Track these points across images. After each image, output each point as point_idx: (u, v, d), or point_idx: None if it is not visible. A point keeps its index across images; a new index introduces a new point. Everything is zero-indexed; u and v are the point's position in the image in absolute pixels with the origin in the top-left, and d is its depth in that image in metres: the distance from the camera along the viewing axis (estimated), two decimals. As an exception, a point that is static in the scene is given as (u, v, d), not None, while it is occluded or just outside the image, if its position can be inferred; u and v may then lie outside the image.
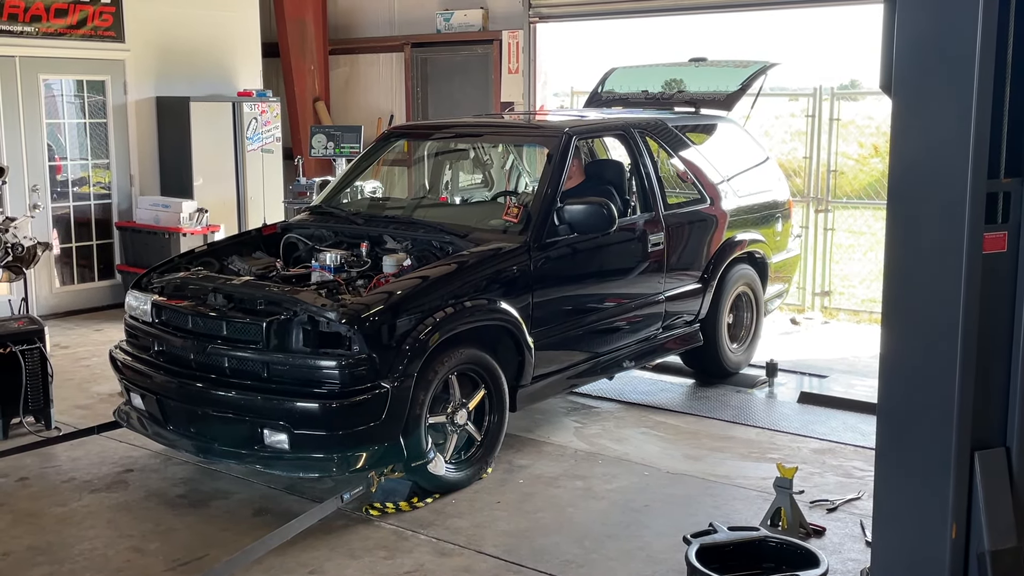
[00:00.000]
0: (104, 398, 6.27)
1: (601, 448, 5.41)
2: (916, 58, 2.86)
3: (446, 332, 4.58)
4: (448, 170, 6.95)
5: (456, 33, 10.23)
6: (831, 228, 8.83)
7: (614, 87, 7.48)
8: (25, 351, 5.51)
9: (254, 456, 4.47)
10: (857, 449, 5.36)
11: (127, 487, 4.89)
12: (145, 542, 4.29)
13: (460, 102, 10.41)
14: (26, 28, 8.25)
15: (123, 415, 5.10)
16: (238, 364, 4.50)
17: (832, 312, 8.78)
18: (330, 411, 4.30)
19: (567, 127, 5.69)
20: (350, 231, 5.54)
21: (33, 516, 4.56)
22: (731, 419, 5.90)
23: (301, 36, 10.93)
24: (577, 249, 5.35)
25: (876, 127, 11.81)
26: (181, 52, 9.41)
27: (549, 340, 5.19)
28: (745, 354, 6.78)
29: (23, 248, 6.41)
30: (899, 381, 3.01)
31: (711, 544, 3.50)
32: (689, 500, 4.72)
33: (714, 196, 6.42)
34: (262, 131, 9.62)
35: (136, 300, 5.07)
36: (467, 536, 4.32)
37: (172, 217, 8.63)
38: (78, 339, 7.87)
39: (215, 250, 5.61)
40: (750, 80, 6.92)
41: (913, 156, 2.91)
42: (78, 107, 8.89)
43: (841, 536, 4.32)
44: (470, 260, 4.91)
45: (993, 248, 2.81)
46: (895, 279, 3.00)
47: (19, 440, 5.44)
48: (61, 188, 8.75)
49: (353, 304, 4.46)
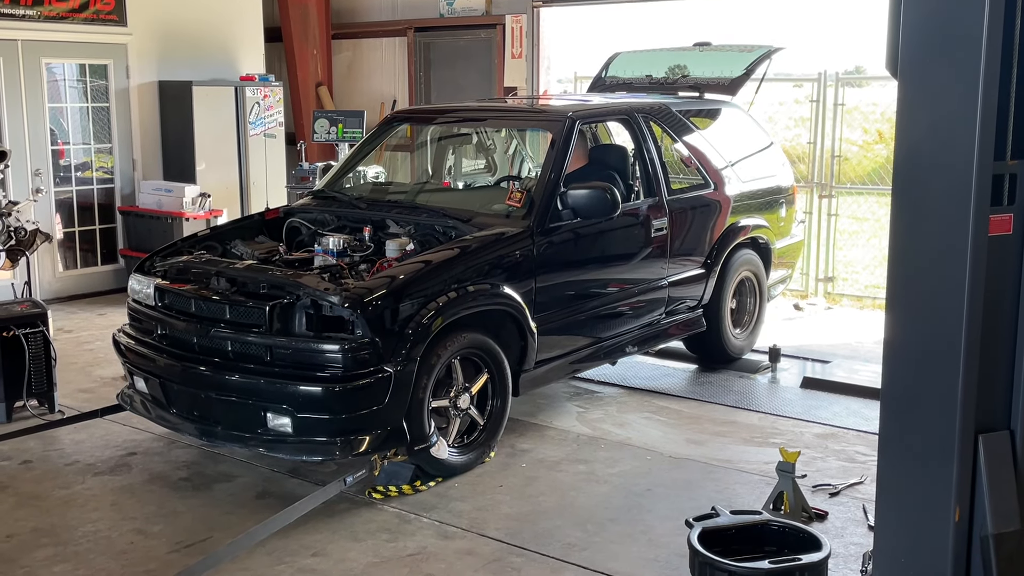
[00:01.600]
0: (107, 382, 6.28)
1: (603, 432, 5.41)
2: (922, 39, 2.84)
3: (449, 317, 4.58)
4: (451, 155, 6.93)
5: (459, 17, 10.19)
6: (835, 214, 8.81)
7: (618, 72, 7.44)
8: (28, 335, 5.52)
9: (257, 440, 4.47)
10: (860, 434, 5.36)
11: (130, 470, 4.90)
12: (148, 524, 4.31)
13: (463, 87, 10.38)
14: (28, 12, 8.22)
15: (127, 398, 5.10)
16: (241, 348, 4.50)
17: (835, 298, 8.77)
18: (333, 395, 4.30)
19: (570, 111, 5.67)
20: (353, 215, 5.53)
21: (37, 499, 4.58)
22: (734, 404, 5.90)
23: (304, 20, 10.90)
24: (580, 234, 5.34)
25: (880, 113, 11.76)
26: (184, 36, 9.39)
27: (552, 325, 5.19)
28: (748, 339, 6.78)
29: (25, 232, 6.43)
30: (903, 364, 3.00)
31: (713, 528, 3.50)
32: (691, 484, 4.72)
33: (718, 181, 6.40)
34: (265, 116, 9.60)
35: (139, 284, 5.06)
36: (470, 519, 4.33)
37: (175, 202, 8.63)
38: (81, 323, 7.88)
39: (218, 234, 5.60)
40: (754, 65, 6.89)
41: (919, 138, 2.89)
42: (80, 91, 8.87)
43: (843, 520, 4.33)
44: (473, 245, 4.90)
45: (999, 230, 2.80)
46: (900, 261, 2.98)
47: (23, 423, 5.45)
48: (64, 172, 8.75)
49: (356, 288, 4.45)
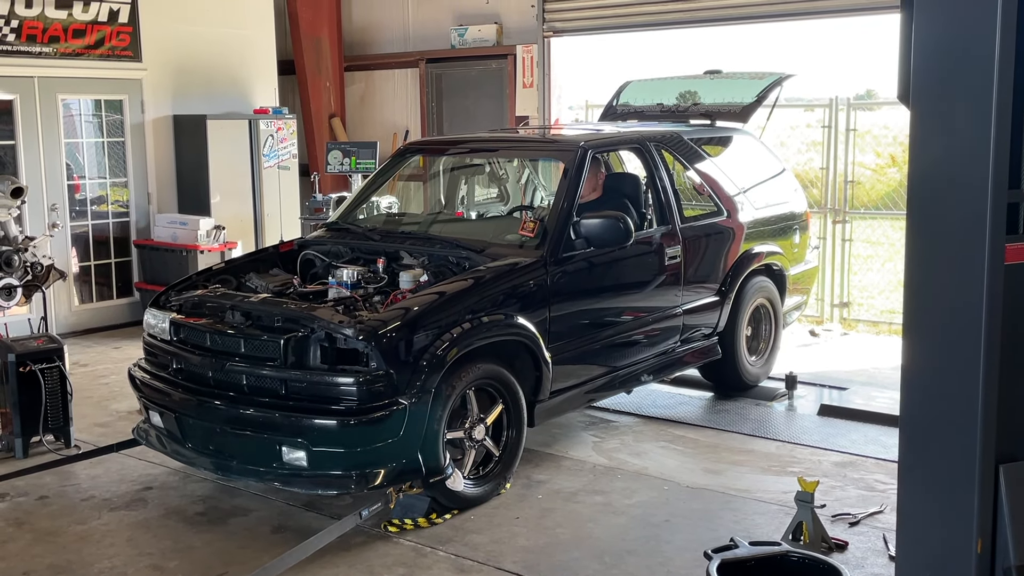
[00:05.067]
0: (123, 416, 6.29)
1: (620, 462, 5.38)
2: (934, 67, 2.83)
3: (463, 347, 4.58)
4: (464, 185, 6.96)
5: (470, 48, 10.26)
6: (849, 239, 8.78)
7: (629, 100, 7.48)
8: (44, 370, 5.54)
9: (272, 473, 4.47)
10: (879, 462, 5.31)
11: (146, 505, 4.90)
12: (164, 560, 4.30)
13: (475, 117, 10.43)
14: (45, 49, 8.33)
15: (142, 433, 5.11)
16: (256, 381, 4.51)
17: (851, 323, 8.72)
18: (348, 428, 4.30)
19: (582, 141, 5.69)
20: (367, 247, 5.55)
21: (53, 535, 4.58)
22: (751, 432, 5.86)
23: (316, 53, 11.00)
24: (594, 263, 5.34)
25: (893, 137, 11.76)
26: (198, 71, 9.49)
27: (567, 355, 5.18)
28: (764, 367, 6.74)
29: (41, 267, 6.47)
30: (921, 393, 2.98)
31: (732, 559, 3.47)
32: (709, 515, 4.68)
33: (731, 208, 6.40)
34: (278, 148, 9.67)
35: (154, 318, 5.09)
36: (486, 552, 4.30)
37: (190, 234, 8.68)
38: (97, 357, 7.91)
39: (233, 267, 5.63)
40: (766, 92, 6.90)
41: (932, 166, 2.88)
42: (96, 126, 8.97)
43: (864, 550, 4.28)
44: (487, 275, 4.90)
45: (1015, 259, 2.78)
46: (916, 290, 2.97)
47: (39, 459, 5.45)
48: (80, 207, 8.82)
49: (370, 320, 4.46)
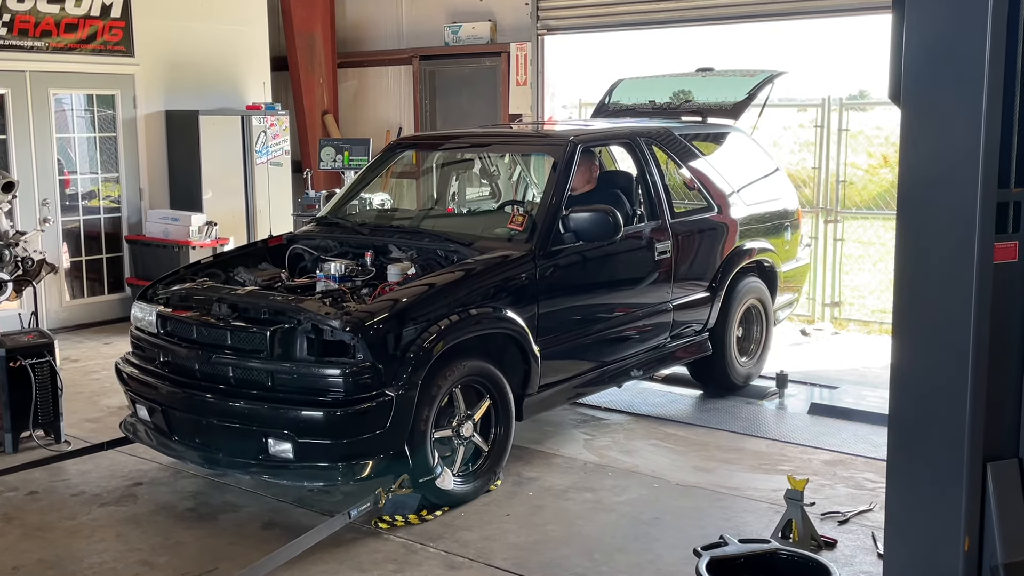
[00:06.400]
0: (113, 411, 6.27)
1: (610, 460, 5.38)
2: (925, 67, 2.84)
3: (451, 340, 4.57)
4: (455, 181, 6.95)
5: (464, 46, 10.25)
6: (841, 239, 8.79)
7: (621, 98, 7.47)
8: (35, 364, 5.51)
9: (259, 466, 4.46)
10: (868, 460, 5.32)
11: (136, 500, 4.89)
12: (154, 556, 4.28)
13: (468, 114, 10.42)
14: (36, 43, 8.29)
15: (129, 427, 5.09)
16: (243, 374, 4.50)
17: (842, 323, 8.74)
18: (334, 419, 4.29)
19: (572, 136, 5.69)
20: (356, 241, 5.54)
21: (43, 530, 4.56)
22: (741, 431, 5.87)
23: (310, 50, 10.97)
24: (583, 257, 5.34)
25: (885, 137, 11.78)
26: (190, 66, 9.46)
27: (555, 349, 5.17)
28: (755, 366, 6.75)
29: (32, 262, 6.46)
30: (910, 392, 2.99)
31: (722, 557, 3.47)
32: (699, 512, 4.69)
33: (722, 205, 6.40)
34: (271, 144, 9.65)
35: (142, 311, 5.06)
36: (476, 549, 4.30)
37: (181, 230, 8.65)
38: (88, 352, 7.88)
39: (221, 261, 5.61)
40: (757, 89, 6.91)
41: (922, 166, 2.89)
42: (88, 121, 8.94)
43: (853, 548, 4.28)
44: (475, 268, 4.90)
45: (1004, 258, 2.79)
46: (905, 289, 2.97)
47: (29, 454, 5.44)
48: (71, 202, 8.79)
49: (357, 312, 4.45)
